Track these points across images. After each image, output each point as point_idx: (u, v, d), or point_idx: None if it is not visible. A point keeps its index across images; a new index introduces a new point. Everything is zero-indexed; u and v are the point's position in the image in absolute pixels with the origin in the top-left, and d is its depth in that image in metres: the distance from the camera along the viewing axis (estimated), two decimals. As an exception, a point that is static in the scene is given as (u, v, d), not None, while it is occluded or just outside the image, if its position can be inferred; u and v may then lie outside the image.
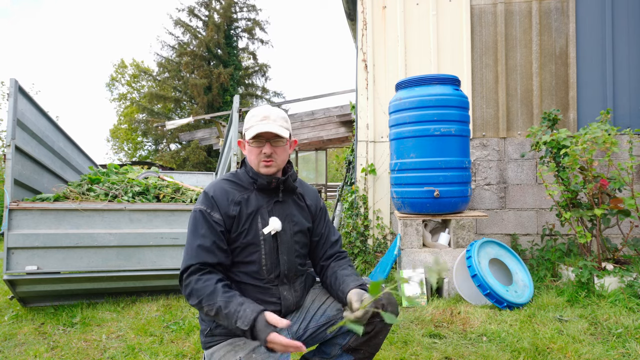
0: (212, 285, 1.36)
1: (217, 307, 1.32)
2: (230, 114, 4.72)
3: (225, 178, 1.58)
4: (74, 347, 2.43)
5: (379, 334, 1.52)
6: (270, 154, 1.50)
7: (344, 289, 1.47)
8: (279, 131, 1.47)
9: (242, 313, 1.29)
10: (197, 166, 17.46)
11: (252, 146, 1.51)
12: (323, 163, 14.76)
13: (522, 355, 2.16)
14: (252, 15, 20.98)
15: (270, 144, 1.50)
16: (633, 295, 2.84)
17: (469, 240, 3.29)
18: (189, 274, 1.40)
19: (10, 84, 2.94)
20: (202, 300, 1.35)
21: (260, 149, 1.50)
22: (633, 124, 4.02)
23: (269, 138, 1.50)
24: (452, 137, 3.29)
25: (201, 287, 1.36)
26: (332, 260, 1.65)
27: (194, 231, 1.45)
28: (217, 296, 1.34)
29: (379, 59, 4.46)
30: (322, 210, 1.71)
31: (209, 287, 1.36)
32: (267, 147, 1.49)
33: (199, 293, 1.36)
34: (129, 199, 3.33)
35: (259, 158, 1.51)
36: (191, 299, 1.38)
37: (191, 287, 1.38)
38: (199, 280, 1.38)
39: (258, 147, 1.50)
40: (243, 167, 1.60)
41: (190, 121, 11.11)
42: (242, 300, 1.34)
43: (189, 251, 1.43)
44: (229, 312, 1.30)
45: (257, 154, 1.51)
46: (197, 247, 1.41)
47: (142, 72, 23.17)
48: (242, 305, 1.31)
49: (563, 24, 4.22)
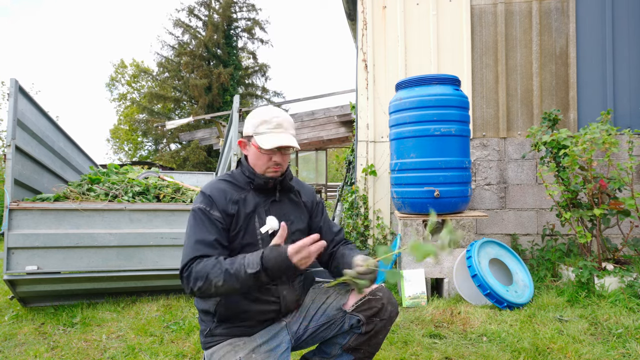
0: (213, 260, 1.35)
1: (224, 271, 1.31)
2: (230, 114, 4.72)
3: (221, 178, 1.58)
4: (74, 347, 2.43)
5: (378, 334, 1.52)
6: (280, 162, 1.51)
7: (349, 260, 1.48)
8: (294, 143, 1.48)
9: (247, 260, 1.32)
10: (197, 166, 17.46)
11: (263, 154, 1.50)
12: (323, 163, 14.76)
13: (522, 355, 2.16)
14: (251, 15, 20.98)
15: (282, 152, 1.51)
16: (633, 295, 2.84)
17: (469, 241, 3.29)
18: (188, 266, 1.37)
19: (11, 84, 2.94)
20: (207, 274, 1.31)
21: (271, 157, 1.51)
22: (633, 124, 4.02)
23: (281, 148, 1.50)
24: (452, 137, 3.29)
25: (203, 266, 1.34)
26: (340, 246, 1.66)
27: (194, 228, 1.44)
28: (220, 265, 1.33)
29: (379, 59, 4.46)
30: (318, 204, 1.72)
31: (210, 262, 1.34)
32: (278, 156, 1.51)
33: (203, 272, 1.32)
34: (129, 199, 3.33)
35: (267, 164, 1.51)
36: (197, 282, 1.32)
37: (193, 272, 1.34)
38: (199, 264, 1.35)
39: (269, 155, 1.50)
40: (239, 167, 1.61)
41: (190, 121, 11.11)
42: (243, 255, 1.37)
43: (188, 247, 1.41)
44: (235, 269, 1.31)
45: (267, 161, 1.51)
46: (197, 243, 1.40)
47: (142, 72, 23.17)
48: (245, 257, 1.34)
49: (563, 24, 4.22)
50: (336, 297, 1.60)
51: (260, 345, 1.43)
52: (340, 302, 1.57)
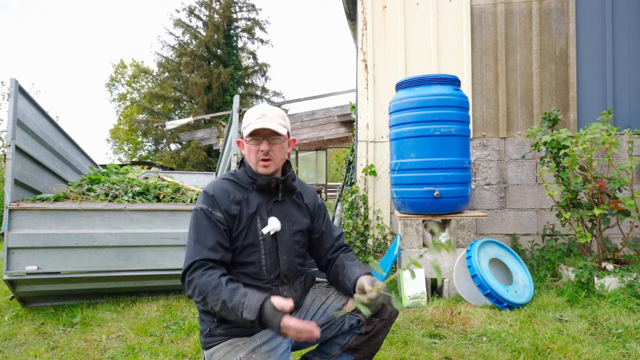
0: (215, 279, 1.34)
1: (222, 301, 1.29)
2: (230, 114, 4.72)
3: (224, 178, 1.58)
4: (74, 347, 2.43)
5: (378, 334, 1.53)
6: (267, 151, 1.49)
7: (351, 277, 1.47)
8: (276, 128, 1.47)
9: (248, 303, 1.26)
10: (197, 166, 17.46)
11: (250, 144, 1.51)
12: (323, 163, 14.76)
13: (522, 355, 2.16)
14: (252, 15, 20.98)
15: (268, 141, 1.50)
16: (633, 295, 2.84)
17: (469, 241, 3.29)
18: (191, 271, 1.38)
19: (11, 84, 2.94)
20: (206, 295, 1.32)
21: (258, 147, 1.50)
22: (633, 124, 4.02)
23: (266, 135, 1.50)
24: (452, 137, 3.29)
25: (204, 282, 1.34)
26: (339, 252, 1.66)
27: (196, 230, 1.44)
28: (221, 290, 1.31)
29: (379, 59, 4.46)
30: (320, 207, 1.71)
31: (212, 281, 1.33)
32: (265, 144, 1.49)
33: (203, 288, 1.33)
34: (129, 199, 3.33)
35: (257, 157, 1.51)
36: (195, 295, 1.35)
37: (194, 284, 1.35)
38: (202, 276, 1.35)
39: (255, 145, 1.50)
40: (242, 167, 1.60)
41: (190, 121, 11.10)
42: (245, 291, 1.31)
43: (191, 249, 1.41)
44: (233, 305, 1.27)
45: (255, 152, 1.51)
46: (199, 245, 1.40)
47: (142, 72, 23.16)
48: (245, 296, 1.28)
49: (563, 24, 4.21)
50: (336, 298, 1.60)
51: (261, 345, 1.43)
52: (340, 303, 1.57)
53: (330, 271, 1.64)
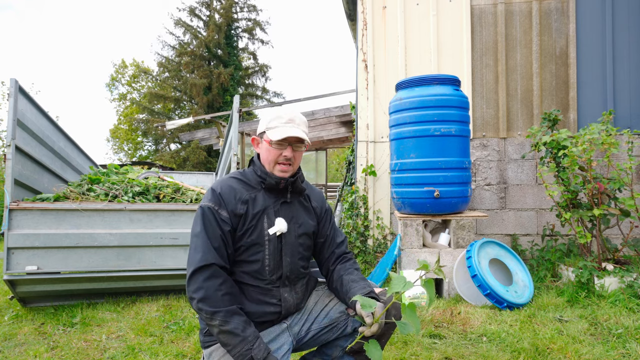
0: (228, 299, 1.36)
1: (227, 333, 1.32)
2: (230, 114, 4.72)
3: (232, 176, 1.57)
4: (74, 347, 2.43)
5: (381, 337, 1.52)
6: (290, 157, 1.50)
7: (350, 297, 1.47)
8: (304, 136, 1.49)
9: (258, 345, 1.33)
10: (197, 166, 17.46)
11: (274, 147, 1.50)
12: (323, 163, 14.75)
13: (522, 355, 2.16)
14: (252, 16, 21.00)
15: (292, 148, 1.51)
16: (633, 295, 2.84)
17: (469, 241, 3.29)
18: (198, 275, 1.36)
19: (11, 84, 2.94)
20: (218, 313, 1.33)
21: (281, 152, 1.50)
22: (633, 125, 4.02)
23: (291, 142, 1.50)
24: (452, 137, 3.29)
25: (219, 299, 1.34)
26: (338, 263, 1.65)
27: (203, 229, 1.42)
28: (234, 317, 1.34)
29: (379, 59, 4.46)
30: (327, 211, 1.71)
31: (225, 300, 1.35)
32: (289, 150, 1.50)
33: (216, 304, 1.33)
34: (129, 199, 3.33)
35: (277, 160, 1.51)
36: (204, 305, 1.33)
37: (204, 293, 1.34)
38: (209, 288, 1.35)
39: (279, 150, 1.50)
40: (251, 165, 1.60)
41: (190, 121, 11.10)
42: (256, 332, 1.37)
43: (198, 250, 1.39)
44: (245, 336, 1.32)
45: (277, 156, 1.50)
46: (206, 247, 1.39)
47: (142, 72, 23.17)
48: (257, 339, 1.35)
49: (563, 24, 4.21)
50: (339, 300, 1.60)
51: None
52: (343, 305, 1.57)
53: (331, 282, 1.64)
